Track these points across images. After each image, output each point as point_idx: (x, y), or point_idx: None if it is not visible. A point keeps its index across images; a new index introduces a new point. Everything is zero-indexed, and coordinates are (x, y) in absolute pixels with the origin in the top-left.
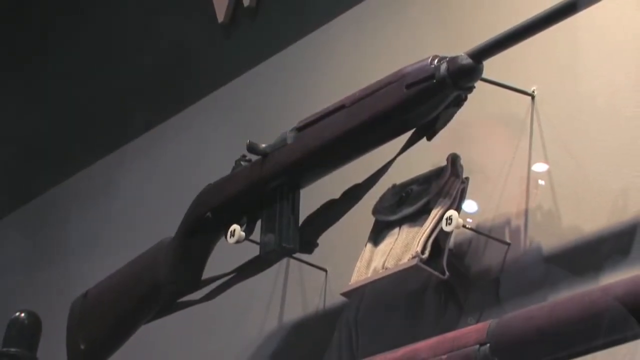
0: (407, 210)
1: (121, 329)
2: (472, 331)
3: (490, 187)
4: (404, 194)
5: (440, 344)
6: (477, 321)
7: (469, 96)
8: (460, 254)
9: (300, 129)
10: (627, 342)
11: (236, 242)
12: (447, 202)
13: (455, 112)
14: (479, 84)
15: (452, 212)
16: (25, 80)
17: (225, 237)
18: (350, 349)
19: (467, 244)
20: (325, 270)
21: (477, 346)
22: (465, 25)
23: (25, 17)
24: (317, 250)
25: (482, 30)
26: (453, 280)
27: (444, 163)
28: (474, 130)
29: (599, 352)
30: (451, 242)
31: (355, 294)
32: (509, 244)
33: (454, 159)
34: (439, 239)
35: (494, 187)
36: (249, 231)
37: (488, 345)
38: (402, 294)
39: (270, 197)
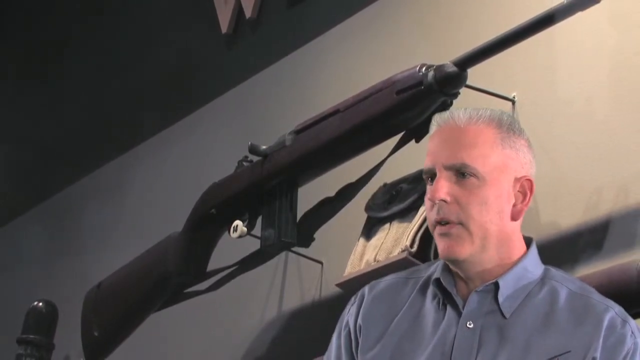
0: (397, 207)
1: (132, 317)
2: None
3: None
4: (394, 192)
5: None
6: None
7: (454, 101)
8: None
9: (298, 132)
10: None
11: (238, 236)
12: None
13: None
14: (463, 90)
15: None
16: (43, 87)
17: (229, 232)
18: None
19: None
20: (321, 263)
21: None
22: (451, 36)
23: (43, 30)
24: (313, 244)
25: (466, 40)
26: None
27: None
28: None
29: None
30: None
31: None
32: None
33: None
34: (427, 234)
35: None
36: (250, 226)
37: None
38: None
39: (270, 195)
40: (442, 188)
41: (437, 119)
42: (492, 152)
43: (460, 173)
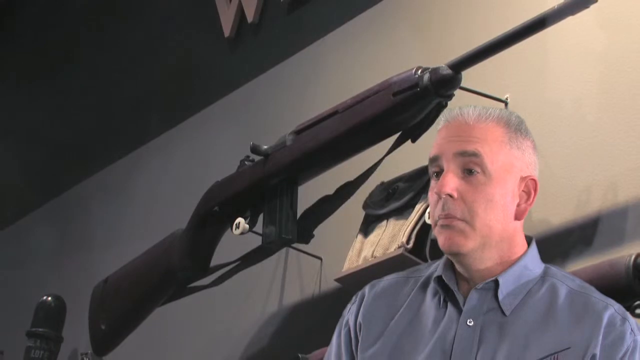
0: (394, 205)
1: (138, 311)
2: None
3: None
4: (391, 190)
5: None
6: None
7: (449, 103)
8: None
9: (298, 132)
10: None
11: (241, 233)
12: None
13: (437, 117)
14: (458, 92)
15: None
16: (51, 88)
17: (231, 229)
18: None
19: None
20: (321, 259)
21: None
22: (446, 39)
23: (51, 33)
24: (313, 241)
25: (460, 44)
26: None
27: (427, 162)
28: None
29: None
30: (433, 233)
31: (348, 281)
32: None
33: None
34: (423, 231)
35: None
36: (252, 223)
37: None
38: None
39: (271, 193)
40: (450, 183)
41: (446, 115)
42: (500, 150)
43: (468, 170)
